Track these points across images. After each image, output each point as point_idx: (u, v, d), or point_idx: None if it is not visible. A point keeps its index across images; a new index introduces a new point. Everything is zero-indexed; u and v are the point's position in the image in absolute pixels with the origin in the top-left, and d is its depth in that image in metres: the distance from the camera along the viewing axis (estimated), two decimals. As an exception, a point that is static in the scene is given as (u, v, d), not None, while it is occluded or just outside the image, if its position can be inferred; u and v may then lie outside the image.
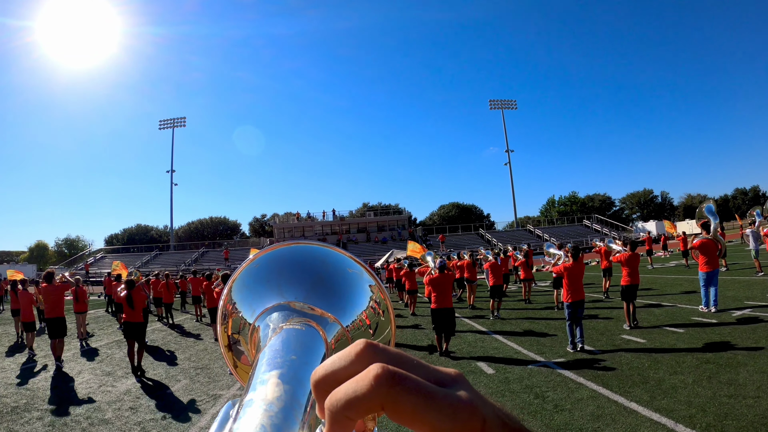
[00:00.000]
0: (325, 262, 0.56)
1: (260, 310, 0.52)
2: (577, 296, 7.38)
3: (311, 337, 0.45)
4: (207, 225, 70.72)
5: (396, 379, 0.23)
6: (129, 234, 69.87)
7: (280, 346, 0.42)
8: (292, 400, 0.33)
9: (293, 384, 0.35)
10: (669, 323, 8.67)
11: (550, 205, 70.35)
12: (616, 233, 41.10)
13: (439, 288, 7.91)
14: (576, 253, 7.63)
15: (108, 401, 6.41)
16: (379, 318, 0.56)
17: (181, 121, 56.75)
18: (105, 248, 58.60)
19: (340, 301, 0.54)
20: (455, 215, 65.98)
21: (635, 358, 6.47)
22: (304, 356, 0.41)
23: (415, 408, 0.23)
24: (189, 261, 41.17)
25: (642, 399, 4.90)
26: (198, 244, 51.50)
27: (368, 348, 0.27)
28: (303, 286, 0.54)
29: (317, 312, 0.51)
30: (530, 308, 12.47)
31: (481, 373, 6.46)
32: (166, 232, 65.17)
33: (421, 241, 43.22)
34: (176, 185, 55.12)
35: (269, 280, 0.55)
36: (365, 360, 0.26)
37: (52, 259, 63.79)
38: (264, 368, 0.38)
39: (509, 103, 56.80)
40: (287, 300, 0.52)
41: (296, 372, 0.37)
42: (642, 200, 68.50)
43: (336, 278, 0.56)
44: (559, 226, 49.09)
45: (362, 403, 0.24)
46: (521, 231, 48.20)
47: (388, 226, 50.16)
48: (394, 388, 0.23)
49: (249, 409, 0.32)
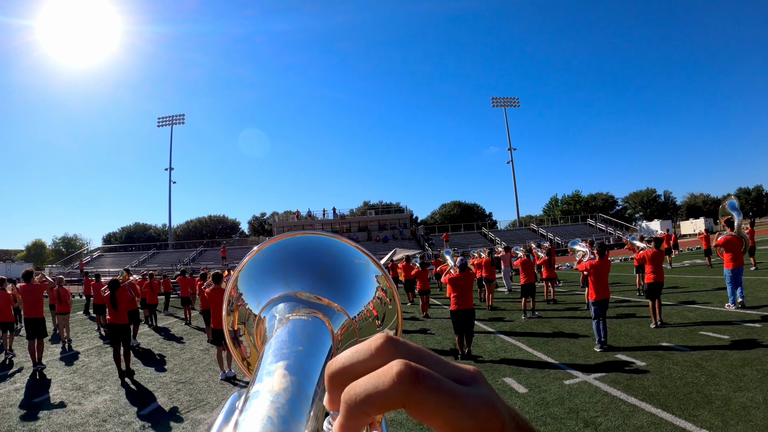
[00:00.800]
0: (332, 253, 0.56)
1: (266, 300, 0.52)
2: (604, 294, 7.25)
3: (318, 328, 0.45)
4: (206, 224, 70.03)
5: (418, 377, 0.23)
6: (127, 233, 69.20)
7: (287, 337, 0.42)
8: (299, 392, 0.33)
9: (300, 375, 0.35)
10: (703, 323, 8.15)
11: (553, 204, 69.72)
12: (621, 233, 40.55)
13: (460, 288, 7.42)
14: (602, 250, 7.45)
15: (71, 425, 5.56)
16: (386, 308, 0.56)
17: (180, 118, 56.13)
18: (102, 247, 58.00)
19: (346, 291, 0.54)
20: (457, 214, 65.32)
21: (686, 371, 5.66)
22: (310, 347, 0.41)
23: (437, 407, 0.23)
24: (186, 260, 40.39)
25: (714, 425, 4.11)
26: (196, 243, 50.79)
27: (388, 342, 0.26)
28: (309, 276, 0.54)
29: (324, 302, 0.51)
30: (554, 309, 11.70)
31: (512, 393, 5.58)
32: (164, 230, 64.50)
33: (423, 241, 42.56)
34: (175, 183, 54.69)
35: (275, 270, 0.55)
36: (385, 355, 0.25)
37: (50, 257, 63.47)
38: (270, 359, 0.38)
39: (512, 101, 56.13)
40: (293, 290, 0.52)
41: (303, 363, 0.37)
42: (645, 199, 68.03)
43: (342, 268, 0.56)
44: (563, 225, 48.38)
45: (383, 399, 0.23)
46: (524, 230, 47.51)
47: (390, 225, 49.45)
48: (417, 386, 0.23)
49: (255, 400, 0.32)
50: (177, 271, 25.77)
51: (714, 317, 8.62)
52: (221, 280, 7.94)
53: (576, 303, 12.24)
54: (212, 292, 7.79)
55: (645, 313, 9.20)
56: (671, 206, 68.64)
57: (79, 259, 47.03)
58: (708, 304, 10.04)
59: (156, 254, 45.39)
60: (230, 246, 47.00)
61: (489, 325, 10.20)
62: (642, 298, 11.54)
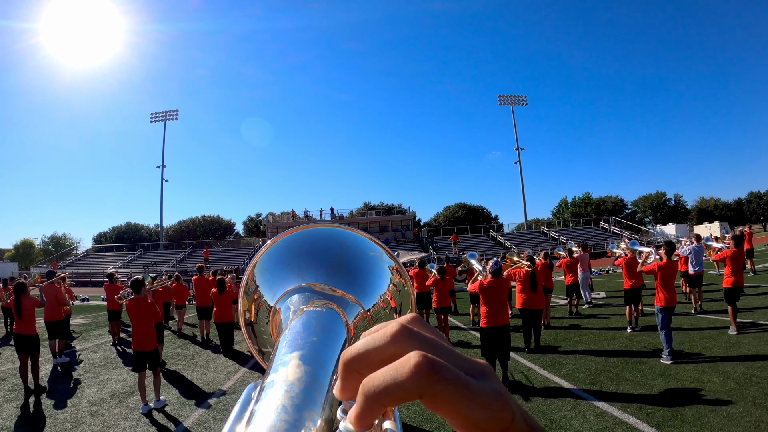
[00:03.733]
0: (345, 244, 0.56)
1: (281, 292, 0.53)
2: (673, 301, 6.66)
3: (332, 319, 0.46)
4: (199, 224, 67.46)
5: (435, 369, 0.23)
6: (118, 232, 66.71)
7: (301, 328, 0.42)
8: (313, 381, 0.34)
9: (314, 365, 0.36)
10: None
11: (562, 207, 67.28)
12: (637, 236, 38.20)
13: (492, 299, 6.13)
14: (671, 250, 6.85)
15: None
16: (401, 297, 0.56)
17: (174, 114, 53.73)
18: (93, 247, 55.69)
19: (360, 282, 0.54)
20: (462, 216, 62.75)
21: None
22: (325, 338, 0.42)
23: (453, 398, 0.23)
24: (173, 262, 37.87)
25: None
26: (186, 244, 48.26)
27: (404, 331, 0.26)
28: (323, 268, 0.54)
29: (338, 294, 0.51)
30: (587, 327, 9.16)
31: None
32: (156, 231, 62.07)
33: (427, 243, 40.11)
34: (167, 181, 52.11)
35: (289, 263, 0.56)
36: (400, 343, 0.26)
37: (38, 257, 61.15)
38: (285, 350, 0.38)
39: (520, 99, 53.57)
40: (308, 282, 0.53)
41: (317, 353, 0.38)
42: (655, 203, 65.80)
43: (356, 260, 0.56)
44: (575, 228, 45.93)
45: (400, 391, 0.23)
46: (534, 233, 45.03)
47: (391, 227, 46.90)
48: (434, 378, 0.23)
49: (270, 390, 0.32)
50: (163, 274, 23.28)
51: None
52: (141, 288, 6.35)
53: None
54: (131, 304, 6.28)
55: (703, 323, 8.48)
56: (682, 210, 66.37)
57: (68, 258, 44.70)
58: None
59: (143, 255, 42.82)
60: (222, 248, 44.49)
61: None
62: (691, 308, 10.22)
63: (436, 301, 9.46)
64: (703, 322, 8.93)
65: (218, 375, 7.67)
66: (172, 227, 67.33)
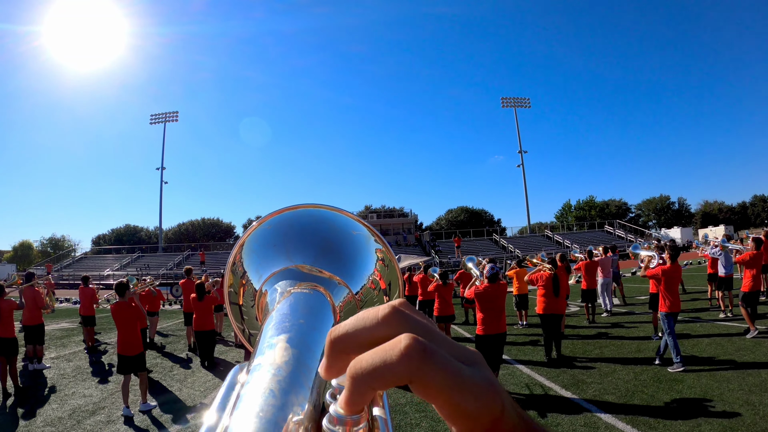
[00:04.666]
0: (333, 226, 0.56)
1: (267, 274, 0.52)
2: (677, 306, 6.51)
3: (319, 301, 0.45)
4: (198, 226, 66.92)
5: (426, 353, 0.22)
6: (117, 234, 66.26)
7: (288, 310, 0.42)
8: (300, 364, 0.33)
9: (301, 348, 0.35)
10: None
11: (566, 210, 66.54)
12: (643, 240, 37.55)
13: (490, 305, 5.93)
14: (675, 254, 6.60)
15: None
16: (390, 276, 0.56)
17: (173, 115, 53.37)
18: (92, 249, 55.17)
19: (347, 264, 0.54)
20: (464, 220, 62.03)
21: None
22: (312, 321, 0.41)
23: (443, 385, 0.22)
24: (171, 265, 37.24)
25: None
26: (185, 247, 47.65)
27: (396, 312, 0.25)
28: (311, 249, 0.54)
29: (325, 275, 0.51)
30: (605, 334, 8.43)
31: None
32: (156, 233, 61.56)
33: (429, 247, 39.44)
34: (167, 183, 51.82)
35: (276, 244, 0.55)
36: (391, 325, 0.25)
37: (36, 258, 60.78)
38: (272, 332, 0.38)
39: (523, 101, 53.05)
40: (295, 264, 0.52)
41: (304, 336, 0.38)
42: (658, 206, 65.12)
43: (343, 241, 0.56)
44: (579, 232, 45.20)
45: (390, 374, 0.22)
46: (538, 237, 44.40)
47: (393, 230, 46.25)
48: (424, 363, 0.22)
49: (257, 373, 0.32)
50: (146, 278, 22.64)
51: None
52: (126, 291, 6.26)
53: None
54: (116, 308, 6.18)
55: (721, 330, 8.32)
56: (685, 213, 65.71)
57: (66, 260, 44.24)
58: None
59: (140, 257, 42.19)
60: (222, 250, 43.85)
61: (555, 380, 7.00)
62: (717, 313, 9.79)
63: (438, 308, 8.70)
64: (732, 330, 8.25)
65: (194, 392, 7.06)
66: (172, 230, 66.85)
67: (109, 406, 6.37)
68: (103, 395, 6.92)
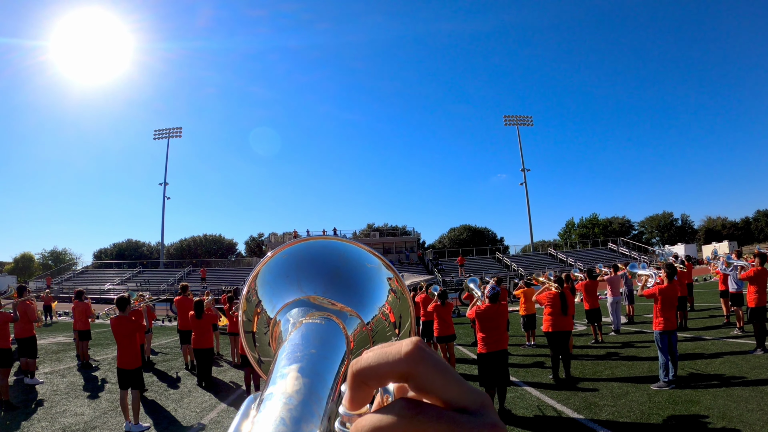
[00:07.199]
0: (344, 257, 0.57)
1: (280, 305, 0.53)
2: (673, 324, 6.55)
3: (331, 331, 0.46)
4: (200, 243, 66.73)
5: (418, 410, 0.24)
6: (119, 249, 66.09)
7: (300, 341, 0.43)
8: (311, 393, 0.34)
9: (312, 377, 0.36)
10: None
11: (569, 228, 66.29)
12: (646, 257, 37.20)
13: (490, 324, 6.03)
14: (672, 273, 6.70)
15: None
16: (401, 310, 0.56)
17: (177, 131, 53.78)
18: (93, 263, 55.02)
19: (358, 295, 0.55)
20: (467, 238, 61.71)
21: None
22: (323, 350, 0.42)
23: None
24: (172, 280, 36.97)
25: None
26: (186, 263, 47.41)
27: (419, 349, 0.26)
28: (322, 280, 0.55)
29: (337, 306, 0.52)
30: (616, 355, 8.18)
31: None
32: (157, 248, 61.42)
33: (432, 265, 39.12)
34: (169, 199, 51.84)
35: (288, 275, 0.56)
36: (413, 362, 0.25)
37: (37, 271, 60.62)
38: (284, 362, 0.39)
39: (525, 119, 53.33)
40: (306, 294, 0.53)
41: (315, 365, 0.38)
42: (661, 223, 64.88)
43: (354, 272, 0.56)
44: (583, 250, 44.83)
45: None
46: (541, 255, 44.03)
47: (395, 249, 46.05)
48: (417, 418, 0.23)
49: (269, 402, 0.33)
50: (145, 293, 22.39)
51: None
52: (126, 306, 6.35)
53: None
54: (116, 322, 6.23)
55: (733, 347, 8.28)
56: (689, 230, 65.33)
57: (66, 273, 44.02)
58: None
59: (141, 273, 41.94)
60: (223, 267, 43.60)
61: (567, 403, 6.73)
62: (728, 330, 9.69)
63: (438, 329, 8.43)
64: (745, 348, 8.00)
65: (190, 412, 6.82)
66: (173, 245, 66.69)
67: (101, 426, 6.15)
68: (96, 414, 6.69)
